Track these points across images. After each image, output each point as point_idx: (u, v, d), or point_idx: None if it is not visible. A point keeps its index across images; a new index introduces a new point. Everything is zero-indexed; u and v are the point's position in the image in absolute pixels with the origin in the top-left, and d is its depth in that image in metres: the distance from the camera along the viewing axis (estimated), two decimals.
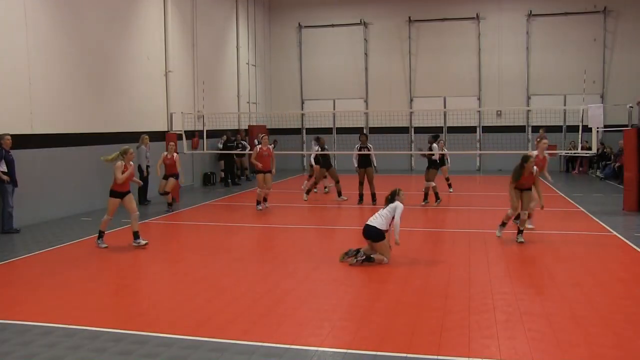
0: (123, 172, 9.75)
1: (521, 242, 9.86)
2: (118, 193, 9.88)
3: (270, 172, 14.22)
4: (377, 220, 8.46)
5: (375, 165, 14.64)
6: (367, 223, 8.50)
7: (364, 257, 8.33)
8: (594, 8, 23.16)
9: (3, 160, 11.07)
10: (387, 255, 8.43)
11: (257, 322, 6.10)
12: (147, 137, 15.06)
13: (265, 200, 14.36)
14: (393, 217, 8.41)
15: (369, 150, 14.49)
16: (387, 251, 8.46)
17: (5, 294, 7.34)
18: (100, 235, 9.99)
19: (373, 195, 14.49)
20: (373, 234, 8.41)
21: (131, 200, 10.00)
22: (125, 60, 15.62)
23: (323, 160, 15.62)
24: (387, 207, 8.52)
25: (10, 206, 11.23)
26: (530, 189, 10.13)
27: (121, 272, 8.38)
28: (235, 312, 6.49)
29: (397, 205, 8.48)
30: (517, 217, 10.13)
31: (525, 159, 9.88)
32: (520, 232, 10.03)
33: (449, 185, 16.68)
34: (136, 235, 9.89)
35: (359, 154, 14.56)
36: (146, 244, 9.86)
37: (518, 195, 10.08)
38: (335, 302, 6.80)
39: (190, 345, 5.47)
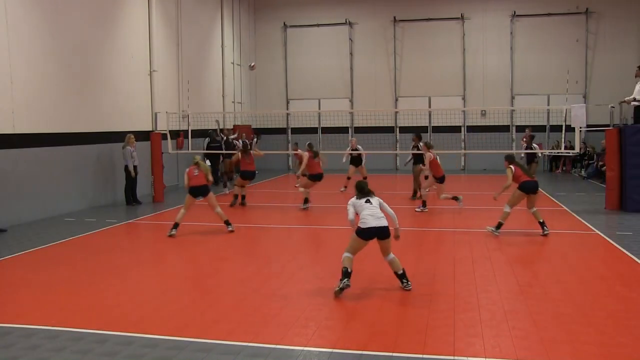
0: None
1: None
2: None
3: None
4: (383, 217, 7.38)
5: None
6: (382, 225, 7.20)
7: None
8: (576, 9, 23.43)
9: None
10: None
11: (242, 322, 6.09)
12: (133, 136, 14.96)
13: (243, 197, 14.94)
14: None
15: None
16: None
17: None
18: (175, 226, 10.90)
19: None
20: (387, 233, 7.35)
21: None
22: (109, 60, 15.48)
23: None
24: (376, 202, 7.52)
25: None
26: None
27: (105, 273, 8.31)
28: (220, 312, 6.47)
29: (380, 200, 7.61)
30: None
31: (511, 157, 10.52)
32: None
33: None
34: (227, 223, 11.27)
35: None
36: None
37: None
38: (321, 302, 6.80)
39: (175, 346, 5.44)
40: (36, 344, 5.54)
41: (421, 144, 14.93)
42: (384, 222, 7.17)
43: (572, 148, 17.13)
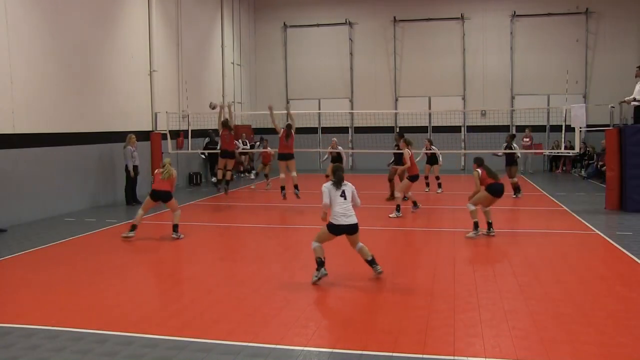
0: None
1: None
2: None
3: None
4: (353, 214, 7.69)
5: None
6: (352, 222, 7.55)
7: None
8: (576, 9, 23.43)
9: None
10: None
11: (242, 322, 6.09)
12: (134, 136, 14.96)
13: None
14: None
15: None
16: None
17: None
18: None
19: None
20: (356, 229, 7.66)
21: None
22: (109, 60, 15.48)
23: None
24: (349, 194, 7.71)
25: None
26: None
27: (105, 273, 8.31)
28: (220, 312, 6.47)
29: (352, 187, 7.85)
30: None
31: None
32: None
33: (439, 185, 16.77)
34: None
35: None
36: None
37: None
38: (321, 302, 6.80)
39: (175, 346, 5.44)
40: (36, 344, 5.54)
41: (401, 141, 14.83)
42: (353, 220, 7.57)
43: (572, 148, 17.12)
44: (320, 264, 7.52)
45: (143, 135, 16.26)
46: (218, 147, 16.42)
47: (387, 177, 15.49)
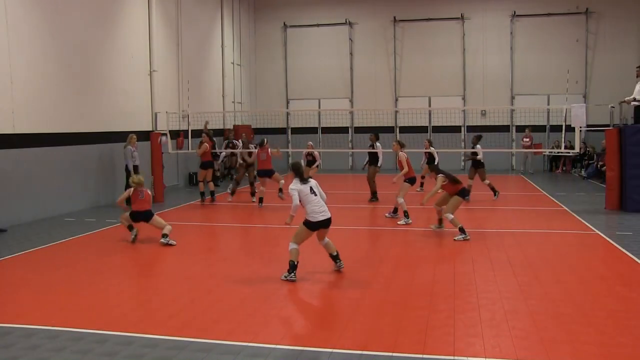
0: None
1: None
2: None
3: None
4: (327, 208, 7.99)
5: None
6: (329, 216, 7.89)
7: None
8: (576, 9, 23.42)
9: None
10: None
11: (242, 322, 6.09)
12: (134, 136, 14.96)
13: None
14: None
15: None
16: None
17: None
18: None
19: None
20: (330, 222, 8.02)
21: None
22: (109, 60, 15.48)
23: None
24: (317, 189, 7.99)
25: None
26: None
27: (105, 273, 8.31)
28: (220, 312, 6.47)
29: (315, 182, 8.11)
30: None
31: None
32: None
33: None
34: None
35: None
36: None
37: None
38: (321, 302, 6.80)
39: (175, 346, 5.44)
40: (36, 344, 5.54)
41: (378, 143, 14.93)
42: (329, 214, 7.92)
43: (572, 148, 17.12)
44: (294, 267, 7.67)
45: (143, 135, 16.25)
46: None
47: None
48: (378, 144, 15.06)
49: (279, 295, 7.06)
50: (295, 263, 7.70)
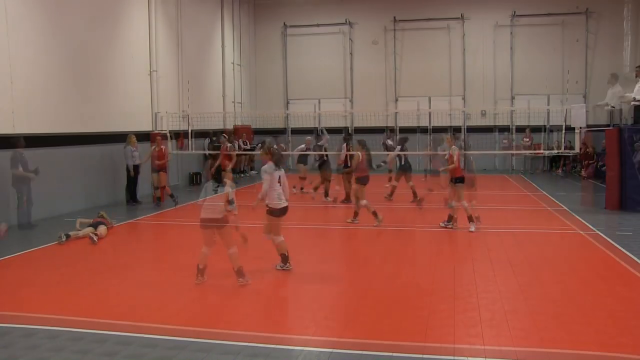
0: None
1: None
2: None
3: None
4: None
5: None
6: (287, 205, 8.39)
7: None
8: (576, 9, 23.41)
9: None
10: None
11: (242, 322, 6.09)
12: (134, 137, 14.96)
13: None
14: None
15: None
16: None
17: None
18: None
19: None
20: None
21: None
22: (110, 60, 15.48)
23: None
24: (284, 180, 8.39)
25: None
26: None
27: (105, 273, 8.31)
28: (220, 312, 6.47)
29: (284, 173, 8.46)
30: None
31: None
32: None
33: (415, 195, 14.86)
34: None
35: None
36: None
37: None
38: (321, 302, 6.80)
39: (175, 346, 5.44)
40: (36, 344, 5.54)
41: (344, 144, 14.68)
42: (287, 203, 8.31)
43: (572, 148, 17.12)
44: (287, 258, 8.11)
45: (143, 136, 16.25)
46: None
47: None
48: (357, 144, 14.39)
49: (279, 295, 7.06)
50: (287, 254, 8.12)
